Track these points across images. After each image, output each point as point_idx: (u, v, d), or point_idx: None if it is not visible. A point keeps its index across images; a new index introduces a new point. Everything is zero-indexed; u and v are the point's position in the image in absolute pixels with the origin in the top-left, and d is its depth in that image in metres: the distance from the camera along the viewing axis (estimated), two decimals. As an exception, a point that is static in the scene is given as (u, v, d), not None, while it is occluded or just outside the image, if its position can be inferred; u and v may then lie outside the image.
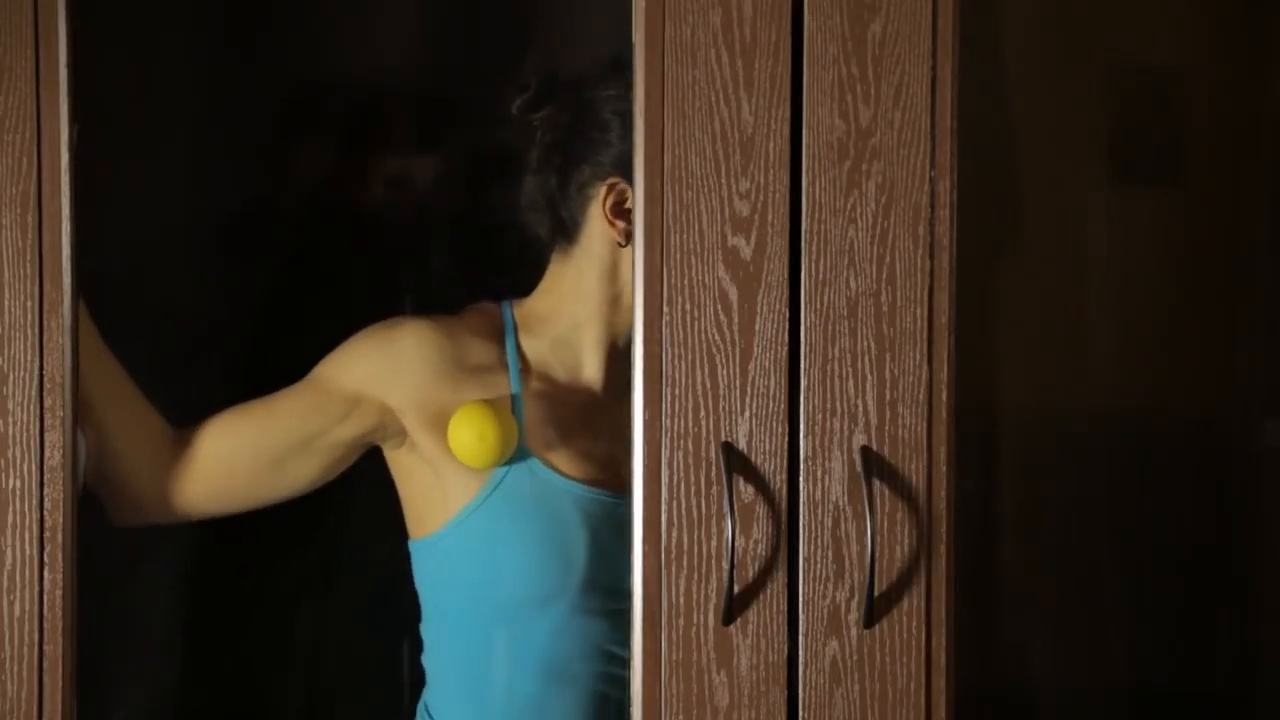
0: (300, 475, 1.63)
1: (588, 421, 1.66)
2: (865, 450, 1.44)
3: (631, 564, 1.45)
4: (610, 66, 1.63)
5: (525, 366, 1.65)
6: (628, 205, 1.62)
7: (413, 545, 1.66)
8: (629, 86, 1.59)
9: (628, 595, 1.61)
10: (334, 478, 1.65)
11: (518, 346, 1.66)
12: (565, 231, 1.66)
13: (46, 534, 1.45)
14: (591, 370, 1.67)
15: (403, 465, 1.65)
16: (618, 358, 1.66)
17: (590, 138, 1.63)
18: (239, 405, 1.63)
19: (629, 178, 1.61)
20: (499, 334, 1.66)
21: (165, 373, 1.75)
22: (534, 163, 1.67)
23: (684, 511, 1.44)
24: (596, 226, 1.64)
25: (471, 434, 1.60)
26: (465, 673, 1.66)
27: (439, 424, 1.62)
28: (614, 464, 1.64)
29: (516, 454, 1.62)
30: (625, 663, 1.63)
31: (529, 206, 1.68)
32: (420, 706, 1.69)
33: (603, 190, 1.63)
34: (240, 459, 1.62)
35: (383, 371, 1.63)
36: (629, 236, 1.62)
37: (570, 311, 1.66)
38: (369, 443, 1.64)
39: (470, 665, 1.65)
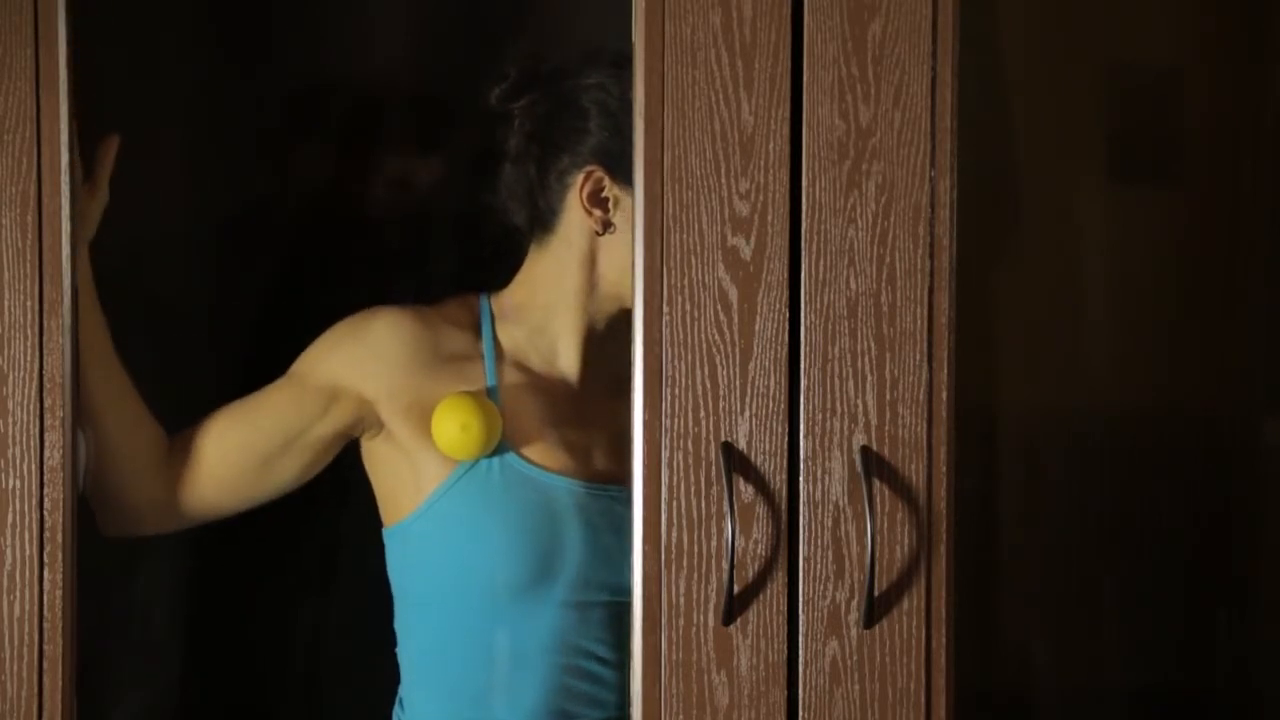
0: (285, 473, 1.64)
1: (563, 411, 1.66)
2: (865, 450, 1.44)
3: (631, 564, 1.45)
4: (589, 56, 1.64)
5: (501, 356, 1.66)
6: (604, 194, 1.63)
7: (386, 534, 1.67)
8: (608, 76, 1.60)
9: (605, 588, 1.62)
10: (318, 473, 1.65)
11: (494, 336, 1.67)
12: (543, 221, 1.67)
13: (46, 534, 1.46)
14: (568, 360, 1.67)
15: (377, 454, 1.65)
16: (594, 347, 1.67)
17: (569, 127, 1.64)
18: (225, 408, 1.63)
19: (607, 167, 1.62)
20: (476, 324, 1.67)
21: (162, 373, 1.75)
22: (513, 152, 1.67)
23: (684, 511, 1.44)
24: (574, 215, 1.64)
25: (455, 425, 1.60)
26: (434, 661, 1.66)
27: (414, 412, 1.62)
28: (587, 454, 1.65)
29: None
30: (597, 657, 1.63)
31: (508, 196, 1.68)
32: (396, 702, 1.70)
33: (580, 179, 1.63)
34: (231, 462, 1.63)
35: (357, 362, 1.63)
36: (606, 225, 1.63)
37: (547, 300, 1.67)
38: (349, 436, 1.65)
39: (438, 654, 1.66)
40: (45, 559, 1.45)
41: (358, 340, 1.64)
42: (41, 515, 1.45)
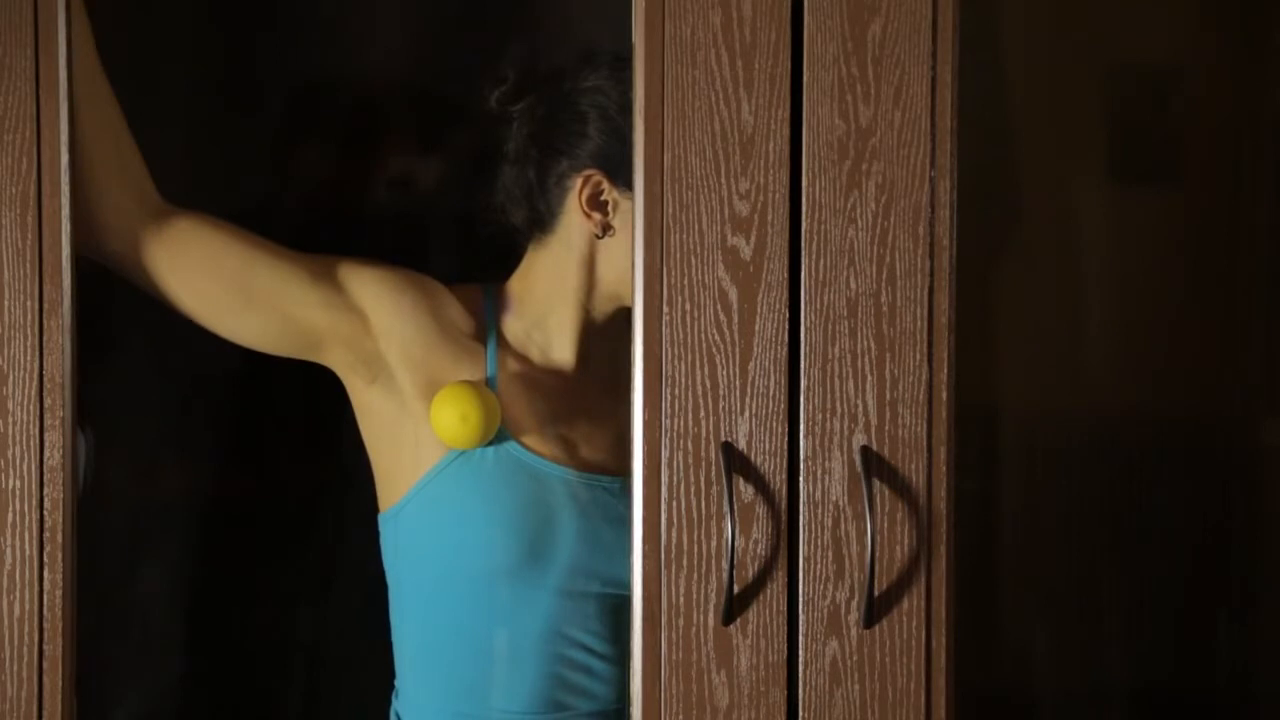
0: (250, 323, 1.62)
1: (559, 402, 1.67)
2: (865, 450, 1.44)
3: (631, 564, 1.45)
4: (588, 60, 1.64)
5: (502, 345, 1.67)
6: (604, 197, 1.63)
7: (381, 519, 1.67)
8: (607, 79, 1.60)
9: (598, 578, 1.62)
10: (270, 353, 1.64)
11: (497, 326, 1.67)
12: (542, 222, 1.67)
13: (46, 534, 1.46)
14: (564, 353, 1.68)
15: (374, 410, 1.65)
16: (591, 342, 1.68)
17: (568, 130, 1.64)
18: (241, 230, 1.63)
19: (606, 170, 1.62)
20: (481, 312, 1.68)
21: (161, 372, 1.75)
22: (512, 154, 1.68)
23: (684, 511, 1.44)
24: (573, 218, 1.65)
25: (454, 415, 1.60)
26: (427, 650, 1.67)
27: (422, 372, 1.63)
28: (582, 445, 1.65)
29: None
30: (590, 649, 1.63)
31: (506, 197, 1.69)
32: (393, 695, 1.70)
33: (579, 182, 1.63)
34: (215, 261, 1.61)
35: (384, 290, 1.64)
36: (605, 229, 1.63)
37: (545, 297, 1.68)
38: (325, 350, 1.64)
39: (432, 642, 1.66)
40: (45, 559, 1.46)
41: (396, 279, 1.65)
42: (41, 515, 1.45)
